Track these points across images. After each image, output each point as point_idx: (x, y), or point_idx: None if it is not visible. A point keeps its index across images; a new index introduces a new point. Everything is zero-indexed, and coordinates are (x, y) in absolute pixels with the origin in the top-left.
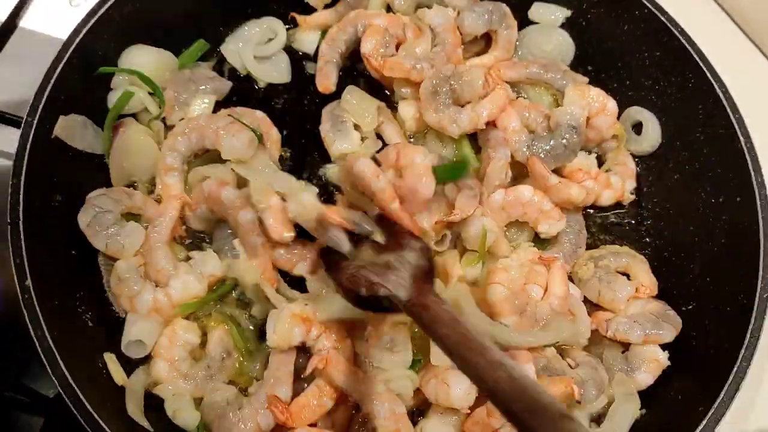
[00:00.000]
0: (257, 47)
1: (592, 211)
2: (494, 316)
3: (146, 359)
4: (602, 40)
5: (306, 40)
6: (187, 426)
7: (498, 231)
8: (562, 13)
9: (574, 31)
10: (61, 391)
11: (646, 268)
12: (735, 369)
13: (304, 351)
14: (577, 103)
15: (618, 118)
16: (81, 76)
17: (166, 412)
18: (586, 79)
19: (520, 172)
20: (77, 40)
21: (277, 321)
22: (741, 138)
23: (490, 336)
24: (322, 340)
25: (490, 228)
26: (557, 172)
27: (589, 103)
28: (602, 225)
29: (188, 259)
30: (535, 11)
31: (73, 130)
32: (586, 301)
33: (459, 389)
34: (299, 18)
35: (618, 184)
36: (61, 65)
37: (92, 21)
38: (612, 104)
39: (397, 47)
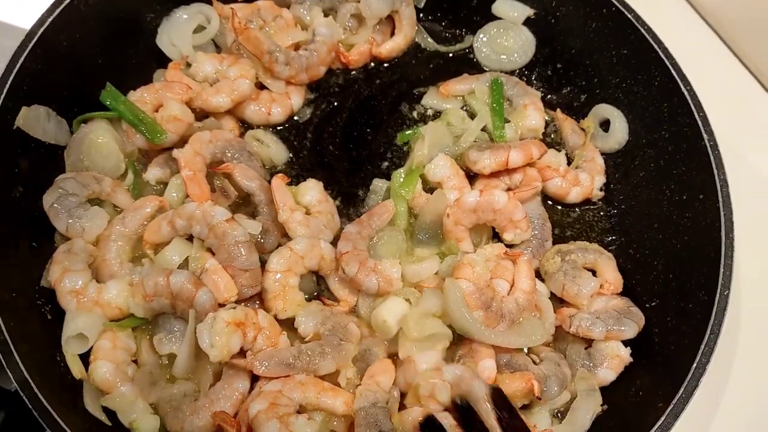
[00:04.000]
0: (194, 37)
1: (559, 207)
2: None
3: None
4: (570, 37)
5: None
6: None
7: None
8: (524, 11)
9: (543, 28)
10: (15, 383)
11: (613, 265)
12: (695, 365)
13: None
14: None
15: (586, 116)
16: (45, 66)
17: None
18: (539, 94)
19: None
20: (41, 30)
21: (212, 332)
22: (705, 136)
23: (468, 331)
24: (258, 341)
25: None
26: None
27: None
28: (569, 222)
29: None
30: (499, 7)
31: (36, 121)
32: (551, 297)
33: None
34: (218, 6)
35: (587, 182)
36: (24, 55)
37: (57, 11)
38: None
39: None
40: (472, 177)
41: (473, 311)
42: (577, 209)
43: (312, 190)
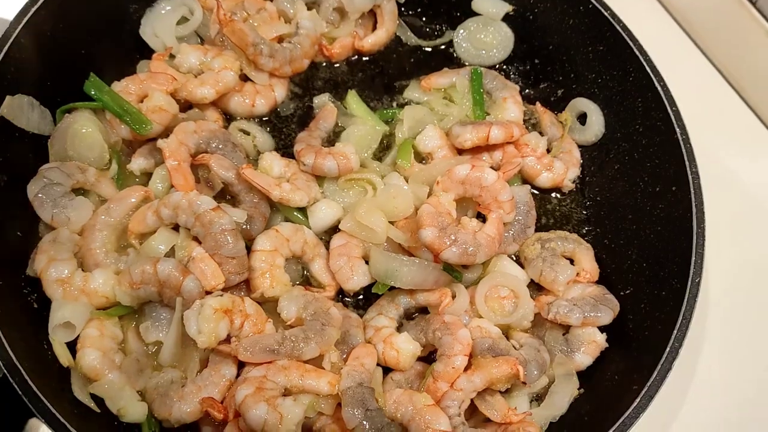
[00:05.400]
0: (177, 28)
1: (537, 193)
2: (417, 227)
3: None
4: (548, 34)
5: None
6: (136, 420)
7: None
8: (503, 7)
9: (521, 25)
10: (5, 371)
11: (591, 255)
12: (668, 349)
13: None
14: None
15: (563, 110)
16: (28, 56)
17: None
18: (517, 87)
19: None
20: (25, 20)
21: (200, 319)
22: (677, 130)
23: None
24: (245, 328)
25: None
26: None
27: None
28: (547, 212)
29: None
30: (478, 3)
31: (20, 110)
32: (530, 286)
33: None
34: None
35: (560, 170)
36: (7, 45)
37: (40, 2)
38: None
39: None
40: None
41: (427, 227)
42: (554, 200)
43: (274, 161)
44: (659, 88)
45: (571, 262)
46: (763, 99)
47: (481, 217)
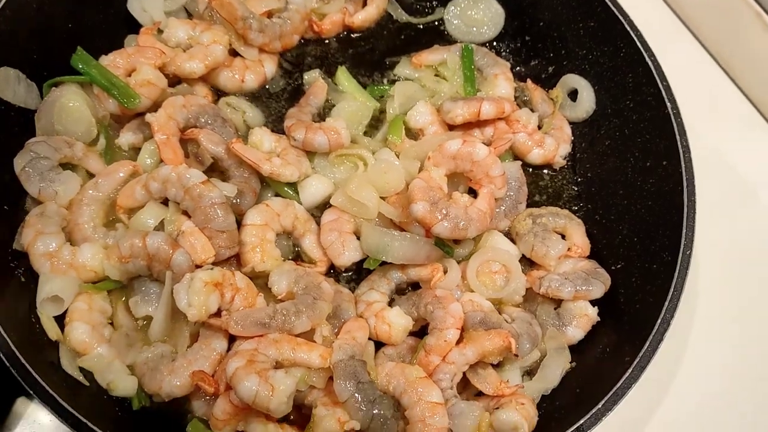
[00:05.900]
0: (165, 3)
1: (530, 169)
2: (409, 202)
3: None
4: (539, 10)
5: None
6: (126, 394)
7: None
8: None
9: (512, 1)
10: None
11: (582, 230)
12: (659, 320)
13: None
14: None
15: (553, 87)
16: (14, 29)
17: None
18: (508, 64)
19: None
20: None
21: (190, 292)
22: (668, 104)
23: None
24: (236, 302)
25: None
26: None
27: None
28: (538, 188)
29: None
30: None
31: (6, 83)
32: (521, 260)
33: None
34: None
35: (551, 146)
36: None
37: None
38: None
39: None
40: None
41: (418, 201)
42: (545, 176)
43: (264, 136)
44: (650, 63)
45: (563, 237)
46: (753, 81)
47: (473, 193)
